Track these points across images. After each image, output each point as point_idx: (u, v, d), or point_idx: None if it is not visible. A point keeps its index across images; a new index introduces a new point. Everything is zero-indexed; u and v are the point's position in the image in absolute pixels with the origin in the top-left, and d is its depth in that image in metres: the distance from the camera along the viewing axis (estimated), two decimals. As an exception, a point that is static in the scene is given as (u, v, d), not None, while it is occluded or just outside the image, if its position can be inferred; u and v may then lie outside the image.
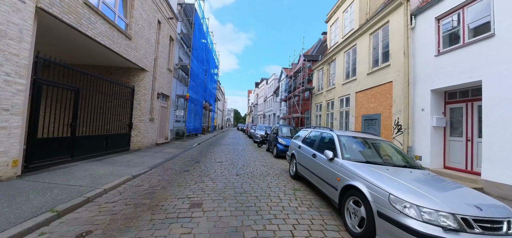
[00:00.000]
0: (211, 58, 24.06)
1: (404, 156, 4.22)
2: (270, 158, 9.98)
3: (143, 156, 8.62)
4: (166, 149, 10.91)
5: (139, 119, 10.07)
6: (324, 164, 4.21)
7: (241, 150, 12.07)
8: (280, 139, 10.15)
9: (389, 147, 4.51)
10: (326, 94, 14.48)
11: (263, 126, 19.27)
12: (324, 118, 14.56)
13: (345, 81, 12.07)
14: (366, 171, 3.22)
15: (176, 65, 14.46)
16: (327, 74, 14.74)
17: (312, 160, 4.84)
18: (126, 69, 10.00)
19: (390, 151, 4.38)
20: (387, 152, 4.35)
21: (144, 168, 6.75)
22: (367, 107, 10.01)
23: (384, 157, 4.16)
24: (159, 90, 11.87)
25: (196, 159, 8.74)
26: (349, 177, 3.33)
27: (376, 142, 4.58)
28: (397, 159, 4.09)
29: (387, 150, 4.43)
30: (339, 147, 4.06)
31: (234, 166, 7.61)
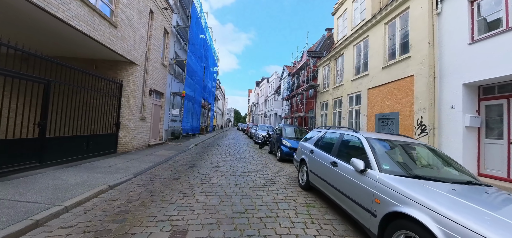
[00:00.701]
0: (210, 55, 23.03)
1: (454, 164, 3.18)
2: (273, 161, 8.94)
3: (130, 160, 7.60)
4: (159, 151, 9.88)
5: (128, 117, 9.05)
6: (351, 176, 3.17)
7: (241, 152, 11.04)
8: (284, 140, 9.11)
9: (430, 152, 3.46)
10: (333, 92, 13.43)
11: (264, 126, 18.24)
12: (331, 117, 13.51)
13: (355, 77, 11.02)
14: (425, 193, 2.18)
15: (171, 60, 13.43)
16: (333, 70, 13.69)
17: (331, 169, 3.80)
18: (113, 62, 8.97)
19: (435, 159, 3.34)
20: (433, 160, 3.31)
21: (127, 175, 5.72)
22: (381, 105, 8.97)
23: (432, 167, 3.12)
24: (151, 86, 10.85)
25: (190, 163, 7.71)
26: (397, 200, 2.29)
27: (414, 146, 3.54)
28: (449, 170, 3.05)
29: (431, 156, 3.38)
30: (373, 155, 3.01)
31: (233, 172, 6.57)
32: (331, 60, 14.01)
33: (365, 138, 3.40)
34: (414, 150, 3.45)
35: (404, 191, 2.28)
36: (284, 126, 10.18)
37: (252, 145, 15.14)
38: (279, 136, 9.75)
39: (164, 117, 12.92)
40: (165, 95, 12.87)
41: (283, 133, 9.72)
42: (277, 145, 9.67)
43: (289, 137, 9.48)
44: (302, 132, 10.42)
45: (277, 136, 10.08)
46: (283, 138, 9.33)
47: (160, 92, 12.33)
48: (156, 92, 11.93)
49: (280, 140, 9.41)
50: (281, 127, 10.29)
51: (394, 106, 8.26)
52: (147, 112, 10.59)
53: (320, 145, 4.76)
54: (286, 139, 9.19)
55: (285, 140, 9.12)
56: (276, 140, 9.98)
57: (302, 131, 10.44)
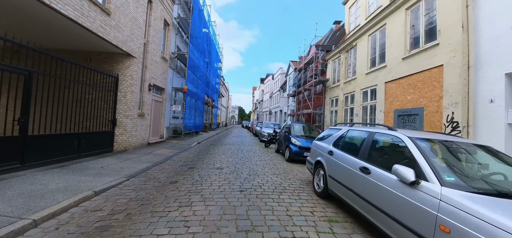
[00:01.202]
0: (213, 50, 22.33)
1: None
2: (281, 161, 8.20)
3: (126, 160, 6.98)
4: (158, 150, 9.26)
5: (124, 114, 8.43)
6: (393, 189, 2.40)
7: (247, 151, 10.32)
8: (293, 139, 8.34)
9: (490, 155, 2.64)
10: (344, 86, 12.54)
11: (270, 123, 17.48)
12: (341, 114, 12.65)
13: (370, 70, 10.12)
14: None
15: (172, 54, 12.76)
16: (345, 63, 12.78)
17: (361, 176, 3.03)
18: (108, 54, 8.34)
19: (501, 165, 2.52)
20: (500, 166, 2.49)
21: (119, 177, 5.08)
22: (402, 100, 8.08)
23: (506, 177, 2.31)
24: (151, 81, 10.20)
25: (191, 164, 7.04)
26: (482, 233, 1.51)
27: (471, 147, 2.72)
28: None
29: (495, 161, 2.56)
30: (426, 162, 2.23)
31: (237, 174, 5.85)
32: (342, 53, 13.09)
33: (409, 138, 2.61)
34: (474, 153, 2.64)
35: (496, 219, 1.50)
36: (292, 123, 9.41)
37: (258, 143, 14.42)
38: (287, 134, 8.98)
39: (165, 114, 12.30)
40: (166, 91, 12.24)
41: (292, 130, 8.95)
42: (285, 143, 8.91)
43: (298, 135, 8.71)
44: (312, 130, 9.63)
45: (284, 134, 9.31)
46: (291, 136, 8.56)
47: (160, 88, 11.70)
48: (156, 88, 11.30)
49: (288, 138, 8.65)
50: (289, 124, 9.52)
51: (418, 101, 7.38)
52: (146, 108, 9.97)
53: (342, 146, 3.98)
54: (295, 137, 8.41)
55: (294, 138, 8.35)
56: (284, 138, 9.22)
57: (312, 129, 9.65)
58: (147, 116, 10.05)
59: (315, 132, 9.30)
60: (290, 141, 8.35)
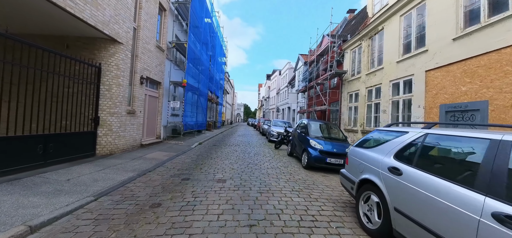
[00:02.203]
0: (217, 43, 20.85)
1: None
2: (298, 169, 6.65)
3: (105, 168, 5.62)
4: (151, 153, 7.88)
5: (109, 111, 7.06)
6: None
7: (254, 155, 8.82)
8: (312, 140, 6.77)
9: None
10: (367, 79, 10.83)
11: (279, 121, 15.91)
12: (363, 111, 10.95)
13: (403, 58, 8.40)
14: None
15: (169, 43, 11.34)
16: (367, 52, 11.04)
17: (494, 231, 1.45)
18: (88, 40, 6.96)
19: None
20: None
21: (83, 197, 3.70)
22: (452, 92, 6.38)
23: None
24: (143, 73, 8.81)
25: (186, 173, 5.60)
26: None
27: None
28: None
29: None
30: None
31: (244, 192, 4.35)
32: (364, 40, 11.35)
33: None
34: None
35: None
36: (309, 122, 7.82)
37: (266, 144, 12.90)
38: (303, 135, 7.42)
39: (162, 111, 10.93)
40: (162, 85, 10.85)
41: (309, 130, 7.36)
42: (301, 146, 7.35)
43: (317, 137, 7.12)
44: (333, 129, 8.01)
45: (300, 135, 7.75)
46: (310, 137, 6.99)
47: (156, 82, 10.31)
48: (151, 81, 9.92)
49: (305, 140, 7.09)
50: (306, 123, 7.94)
51: (478, 93, 5.66)
52: (138, 104, 8.59)
53: (418, 161, 2.41)
54: (315, 139, 6.84)
55: (313, 140, 6.78)
56: (300, 139, 7.65)
57: (333, 128, 8.04)
58: (139, 113, 8.68)
59: (337, 131, 7.71)
60: (308, 144, 6.79)
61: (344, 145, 6.73)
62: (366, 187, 3.06)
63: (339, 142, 6.90)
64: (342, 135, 7.43)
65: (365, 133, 10.38)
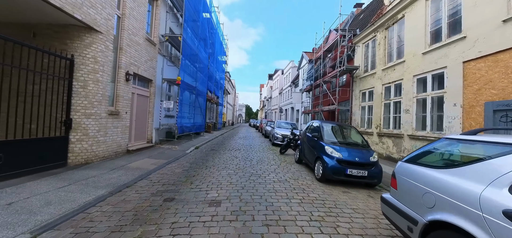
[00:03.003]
0: (217, 40, 19.71)
1: None
2: (312, 182, 5.44)
3: (73, 183, 4.51)
4: (136, 161, 6.74)
5: (85, 111, 5.93)
6: None
7: (257, 162, 7.63)
8: (328, 147, 5.56)
9: None
10: (383, 74, 9.60)
11: (283, 123, 14.70)
12: (379, 110, 9.72)
13: (430, 48, 7.17)
14: None
15: (162, 37, 10.21)
16: (383, 44, 9.82)
17: None
18: (59, 28, 5.85)
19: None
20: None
21: (11, 237, 2.54)
22: (502, 86, 5.14)
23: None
24: (130, 68, 7.68)
25: (171, 190, 4.42)
26: None
27: None
28: None
29: None
30: None
31: (245, 226, 3.10)
32: (379, 31, 10.13)
33: None
34: None
35: None
36: (322, 124, 6.60)
37: (269, 148, 11.70)
38: (316, 140, 6.20)
39: (153, 112, 9.79)
40: (154, 82, 9.71)
41: (323, 134, 6.14)
42: (313, 153, 6.14)
43: (334, 142, 5.90)
44: (351, 133, 6.78)
45: (311, 139, 6.53)
46: (325, 143, 5.77)
47: (146, 79, 9.17)
48: (140, 78, 8.78)
49: (319, 146, 5.88)
50: (318, 125, 6.72)
51: (544, 87, 4.42)
52: (124, 104, 7.45)
53: None
54: (331, 146, 5.62)
55: (329, 146, 5.56)
56: (312, 145, 6.45)
57: (350, 132, 6.80)
58: (124, 115, 7.54)
59: (356, 135, 6.48)
60: (323, 151, 5.58)
61: (366, 153, 5.52)
62: (444, 236, 1.85)
63: (360, 149, 5.68)
64: (362, 140, 6.22)
65: (382, 136, 9.16)
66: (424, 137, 7.09)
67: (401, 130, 8.28)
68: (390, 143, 8.79)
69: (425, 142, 7.10)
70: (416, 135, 7.45)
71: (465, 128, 5.86)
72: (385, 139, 9.09)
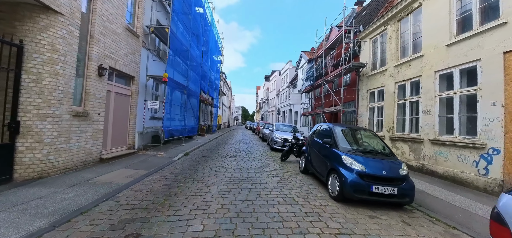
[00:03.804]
0: (211, 38, 18.55)
1: None
2: (327, 202, 4.29)
3: (3, 210, 3.23)
4: (109, 173, 5.50)
5: (38, 112, 4.69)
6: None
7: (255, 172, 6.45)
8: (346, 157, 4.42)
9: None
10: (396, 71, 8.59)
11: (283, 125, 13.56)
12: (392, 112, 8.68)
13: (457, 38, 6.17)
14: None
15: (147, 28, 8.99)
16: (396, 38, 8.82)
17: None
18: (6, 7, 4.62)
19: None
20: None
21: None
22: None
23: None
24: (104, 61, 6.44)
25: (141, 219, 3.21)
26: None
27: None
28: None
29: None
30: None
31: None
32: (390, 24, 9.14)
33: None
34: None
35: None
36: (334, 127, 5.47)
37: (268, 153, 10.54)
38: (328, 146, 5.07)
39: (136, 113, 8.54)
40: (137, 79, 8.47)
41: (337, 140, 4.99)
42: (325, 163, 5.01)
43: (351, 150, 4.76)
44: (366, 139, 5.66)
45: (323, 146, 5.39)
46: (341, 151, 4.63)
47: (127, 75, 7.93)
48: (119, 74, 7.54)
49: (333, 154, 4.75)
50: (329, 128, 5.59)
51: None
52: (95, 104, 6.20)
53: None
54: (350, 155, 4.48)
55: (348, 156, 4.43)
56: (323, 153, 5.31)
57: (368, 136, 5.69)
58: (96, 116, 6.28)
59: (377, 140, 5.37)
60: (339, 161, 4.45)
61: (393, 164, 4.41)
62: None
63: (384, 159, 4.58)
64: (383, 146, 5.12)
65: (396, 140, 8.12)
66: (452, 142, 6.04)
67: (420, 133, 7.24)
68: (406, 148, 7.75)
69: (452, 148, 6.06)
70: (440, 140, 6.41)
71: (509, 131, 4.82)
72: (399, 144, 8.05)
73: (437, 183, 6.02)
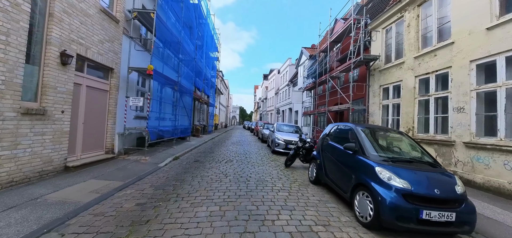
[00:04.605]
0: (207, 33, 17.32)
1: None
2: (357, 232, 3.13)
3: None
4: (70, 187, 4.28)
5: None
6: None
7: (256, 183, 5.28)
8: (382, 169, 3.26)
9: None
10: (417, 63, 7.49)
11: (285, 125, 12.39)
12: (412, 110, 7.59)
13: (501, 20, 5.07)
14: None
15: (129, 12, 7.75)
16: (415, 25, 7.72)
17: None
18: None
19: None
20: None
21: None
22: None
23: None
24: (69, 47, 5.20)
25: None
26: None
27: None
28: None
29: None
30: None
31: None
32: (408, 10, 8.03)
33: None
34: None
35: None
36: (356, 128, 4.30)
37: (270, 157, 9.39)
38: (352, 154, 3.90)
39: (116, 111, 7.31)
40: (117, 72, 7.24)
41: (364, 145, 3.81)
42: (348, 175, 3.85)
43: (387, 161, 3.56)
44: (397, 142, 4.52)
45: (342, 152, 4.23)
46: (374, 161, 3.47)
47: (103, 66, 6.70)
48: (93, 65, 6.30)
49: (360, 164, 3.60)
50: (351, 130, 4.42)
51: None
52: (56, 99, 4.97)
53: None
54: (388, 168, 3.30)
55: (384, 169, 3.26)
56: (343, 162, 4.15)
57: (400, 139, 4.54)
58: (59, 115, 5.05)
59: (412, 145, 4.22)
60: (371, 174, 3.30)
61: (444, 178, 3.29)
62: None
63: (430, 171, 3.43)
64: (421, 152, 3.99)
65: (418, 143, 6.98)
66: (495, 146, 4.95)
67: (450, 135, 6.14)
68: (431, 153, 6.63)
69: (496, 153, 4.97)
70: (478, 143, 5.32)
71: None
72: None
73: (478, 195, 4.92)
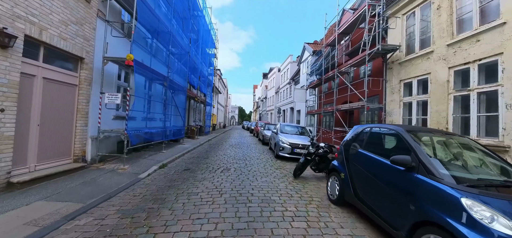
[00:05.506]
0: (203, 27, 16.02)
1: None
2: None
3: None
4: (3, 214, 2.94)
5: None
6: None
7: (260, 204, 4.01)
8: (477, 205, 2.00)
9: None
10: (451, 52, 6.25)
11: (289, 126, 11.09)
12: (445, 107, 6.35)
13: None
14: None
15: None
16: (448, 7, 6.47)
17: None
18: None
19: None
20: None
21: None
22: None
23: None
24: (12, 24, 3.87)
25: None
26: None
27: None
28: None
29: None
30: None
31: None
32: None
33: None
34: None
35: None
36: (405, 133, 2.98)
37: (274, 164, 8.11)
38: (406, 171, 2.63)
39: (88, 110, 6.00)
40: (89, 62, 5.92)
41: (426, 160, 2.50)
42: (409, 208, 2.56)
43: (477, 187, 2.31)
44: (467, 151, 3.26)
45: (385, 167, 2.97)
46: (457, 191, 2.18)
47: (70, 55, 5.37)
48: (54, 53, 4.98)
49: (431, 193, 2.33)
50: (396, 134, 3.15)
51: None
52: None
53: None
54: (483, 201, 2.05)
55: (480, 204, 2.00)
56: (389, 182, 2.88)
57: (472, 148, 3.28)
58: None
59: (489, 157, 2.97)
60: (455, 214, 2.03)
61: None
62: None
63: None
64: (502, 166, 2.75)
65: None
66: None
67: (501, 138, 4.91)
68: (473, 160, 5.38)
69: None
70: (548, 150, 4.07)
71: None
72: (460, 153, 5.68)
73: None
